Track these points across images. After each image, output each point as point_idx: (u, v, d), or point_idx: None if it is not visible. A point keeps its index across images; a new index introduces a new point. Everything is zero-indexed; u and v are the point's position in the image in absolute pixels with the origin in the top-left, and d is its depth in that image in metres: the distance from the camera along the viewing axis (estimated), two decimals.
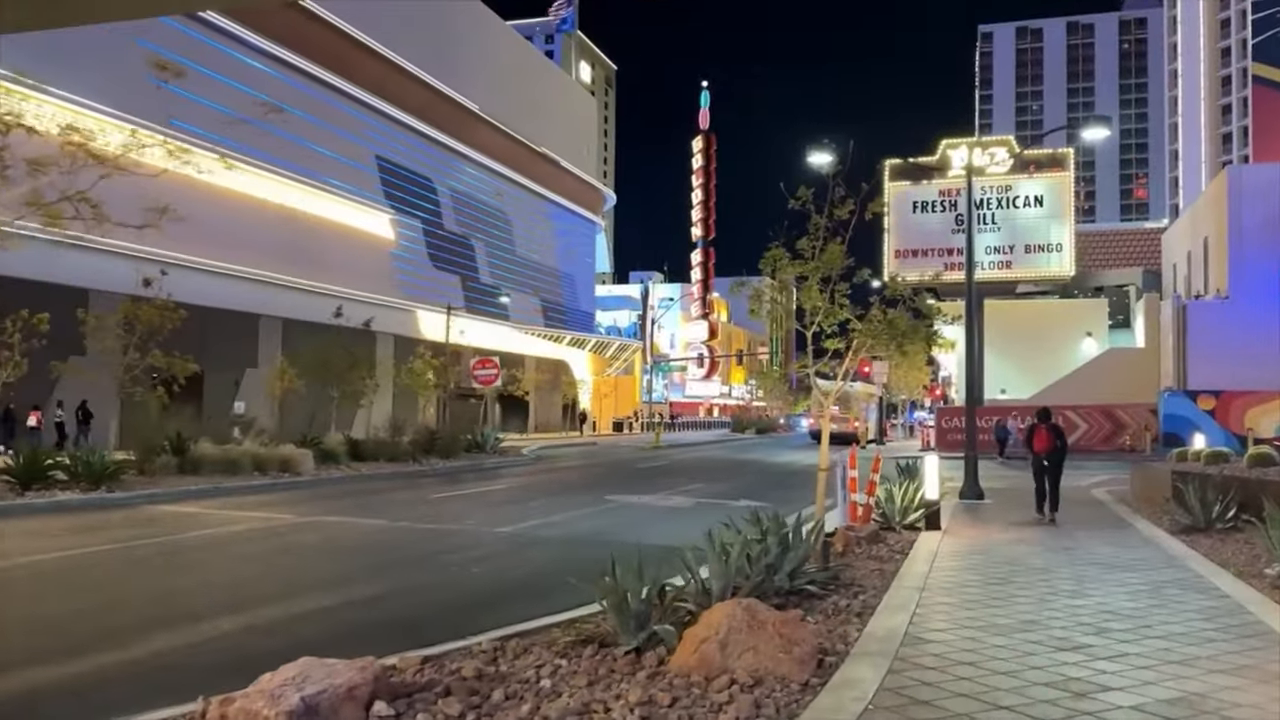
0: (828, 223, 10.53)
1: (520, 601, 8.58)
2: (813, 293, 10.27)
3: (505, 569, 10.43)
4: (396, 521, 13.86)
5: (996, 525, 14.28)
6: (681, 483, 22.67)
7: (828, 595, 8.39)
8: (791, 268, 10.21)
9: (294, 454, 20.49)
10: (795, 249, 10.38)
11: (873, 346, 10.46)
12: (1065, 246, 43.49)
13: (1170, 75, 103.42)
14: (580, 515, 15.47)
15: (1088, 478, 25.39)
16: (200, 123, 36.40)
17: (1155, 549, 11.65)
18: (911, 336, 10.11)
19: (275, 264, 39.13)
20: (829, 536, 12.00)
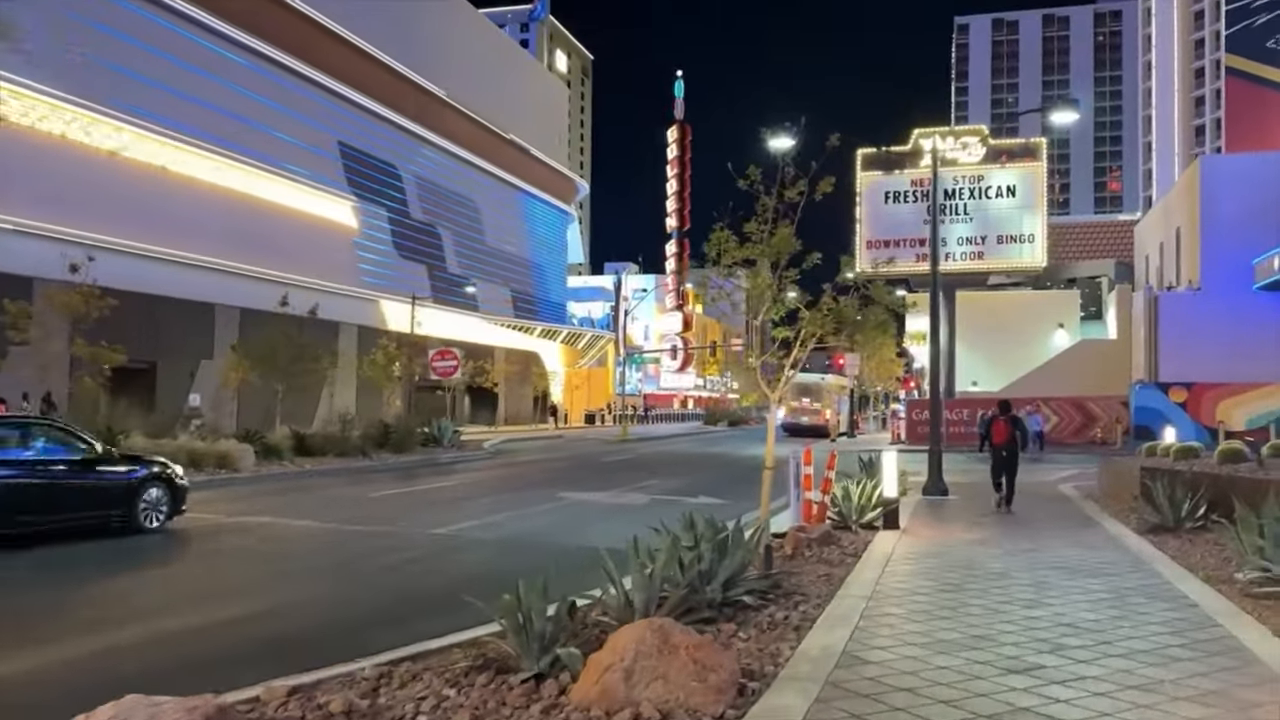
0: (778, 205, 9.83)
1: (431, 615, 7.84)
2: (761, 279, 9.57)
3: (426, 576, 9.69)
4: (326, 523, 13.09)
5: (958, 524, 13.68)
6: (641, 478, 21.99)
7: (765, 606, 7.72)
8: (739, 251, 9.50)
9: (233, 449, 19.61)
10: (744, 233, 9.70)
11: (823, 337, 9.77)
12: (1037, 237, 42.98)
13: (1144, 67, 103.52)
14: (526, 514, 14.75)
15: (1056, 472, 24.94)
16: (150, 105, 35.37)
17: (1121, 551, 11.06)
18: (861, 326, 9.43)
19: (232, 252, 38.10)
20: (779, 537, 11.38)
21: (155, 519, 12.73)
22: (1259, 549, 8.55)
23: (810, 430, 47.75)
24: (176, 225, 36.01)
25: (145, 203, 34.83)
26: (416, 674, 5.90)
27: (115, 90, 33.94)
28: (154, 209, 35.15)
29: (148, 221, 34.70)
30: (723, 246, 9.67)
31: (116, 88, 33.99)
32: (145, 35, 35.62)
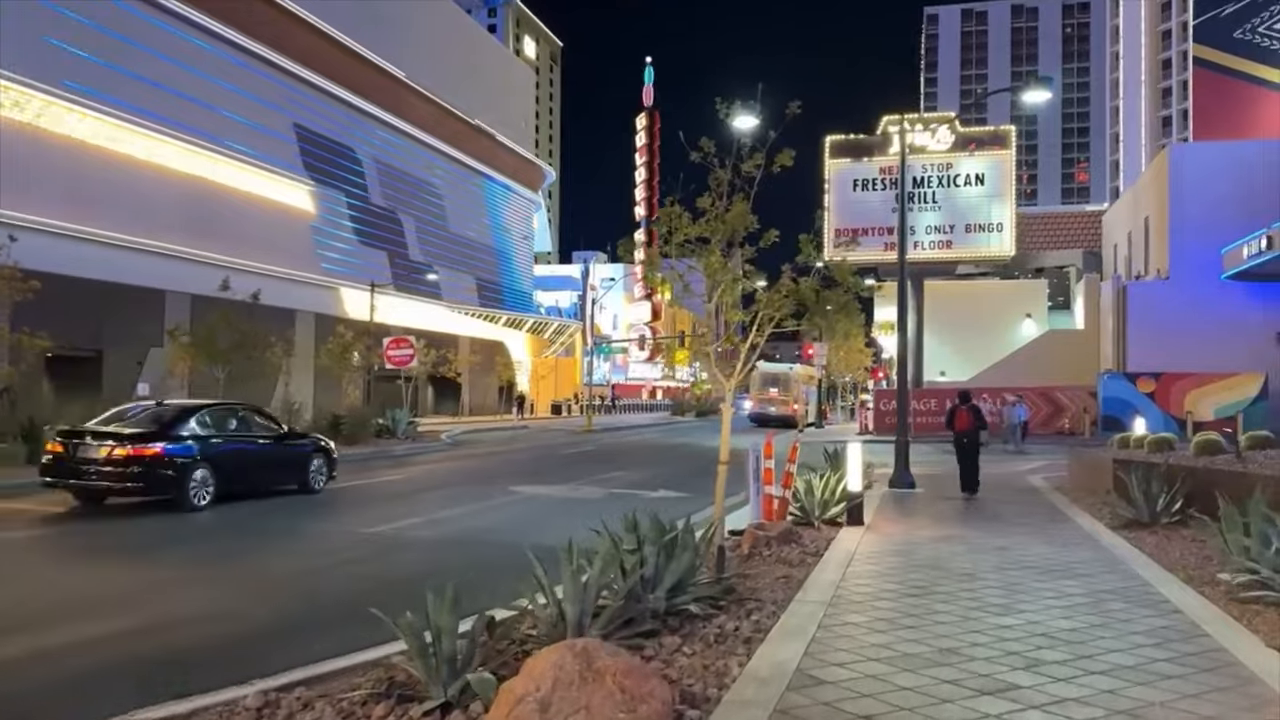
0: (734, 179, 9.12)
1: (348, 626, 7.06)
2: (715, 258, 8.85)
3: (352, 581, 8.91)
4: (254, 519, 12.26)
5: (925, 518, 13.08)
6: (601, 471, 21.29)
7: (715, 615, 7.02)
8: (692, 229, 8.77)
9: None
10: (698, 209, 8.99)
11: (782, 321, 9.08)
12: (1006, 226, 42.64)
13: (1111, 58, 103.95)
14: (473, 510, 13.99)
15: (1026, 462, 24.54)
16: (91, 82, 34.05)
17: (1096, 549, 10.48)
18: (821, 308, 8.74)
19: (184, 237, 36.87)
20: (736, 535, 10.71)
21: (319, 482, 16.50)
22: (1244, 549, 7.98)
23: (778, 420, 47.20)
24: (123, 208, 34.71)
25: (87, 184, 33.55)
26: (308, 702, 5.15)
27: (52, 66, 32.59)
28: (97, 191, 33.86)
29: (90, 204, 33.41)
30: (674, 224, 8.94)
31: (54, 63, 32.63)
32: (82, 8, 34.28)
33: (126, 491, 13.88)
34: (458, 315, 57.78)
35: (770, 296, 8.78)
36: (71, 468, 13.88)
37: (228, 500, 14.42)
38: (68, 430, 14.68)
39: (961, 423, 16.13)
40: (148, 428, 14.37)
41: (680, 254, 9.12)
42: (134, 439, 13.96)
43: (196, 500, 13.95)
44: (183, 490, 13.85)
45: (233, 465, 14.89)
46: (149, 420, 14.72)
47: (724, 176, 9.10)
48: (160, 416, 14.84)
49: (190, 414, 15.02)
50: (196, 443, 14.41)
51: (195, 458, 14.16)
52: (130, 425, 14.54)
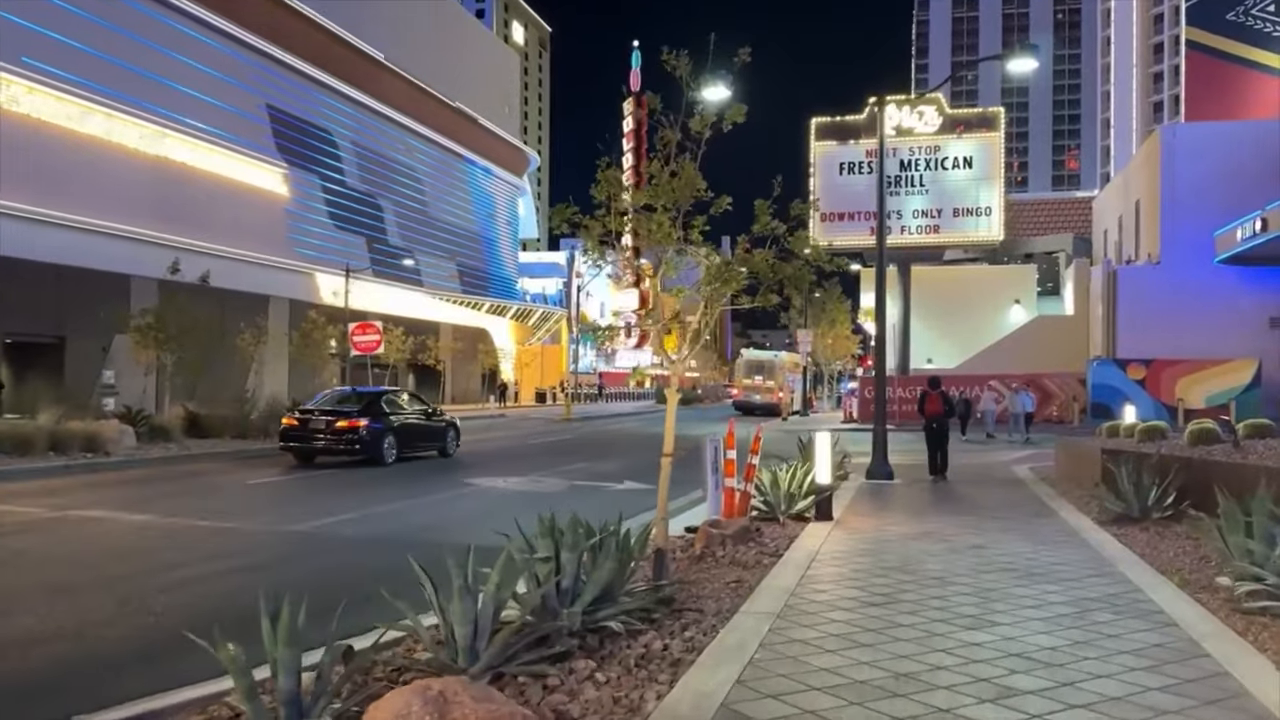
0: (684, 140, 8.17)
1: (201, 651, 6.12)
2: (661, 227, 7.90)
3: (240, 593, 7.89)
4: (169, 517, 11.28)
5: (899, 513, 12.19)
6: (569, 461, 20.38)
7: (643, 631, 6.10)
8: (637, 195, 7.81)
9: (104, 430, 17.61)
10: (641, 174, 8.09)
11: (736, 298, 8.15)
12: (994, 210, 41.74)
13: (1103, 43, 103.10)
14: (420, 504, 13.05)
15: (1011, 451, 23.69)
16: (61, 63, 32.90)
17: (1082, 547, 9.60)
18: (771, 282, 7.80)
19: (150, 220, 35.72)
20: (693, 532, 9.83)
21: (452, 449, 21.79)
22: (1247, 551, 7.09)
23: (762, 409, 46.36)
24: (87, 190, 33.56)
25: (48, 165, 32.39)
26: None
27: (10, 42, 31.41)
28: (58, 172, 32.69)
29: (51, 185, 32.26)
30: (612, 190, 7.98)
31: (12, 40, 31.44)
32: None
33: (341, 452, 19.01)
34: (439, 302, 56.73)
35: (717, 267, 7.85)
36: (303, 435, 19.27)
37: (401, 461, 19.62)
38: (300, 410, 20.49)
39: (931, 408, 16.55)
40: (354, 407, 19.68)
41: (620, 226, 8.17)
42: (348, 415, 19.31)
43: (387, 458, 19.23)
44: (380, 451, 19.08)
45: (405, 434, 20.21)
46: (352, 402, 20.10)
47: (672, 137, 8.15)
48: (360, 399, 20.34)
49: (379, 397, 20.59)
50: (385, 419, 19.69)
51: (385, 429, 19.46)
52: (338, 406, 19.90)
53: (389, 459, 19.20)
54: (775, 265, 7.74)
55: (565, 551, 6.05)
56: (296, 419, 19.61)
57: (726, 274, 7.79)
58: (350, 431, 18.95)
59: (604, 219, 8.16)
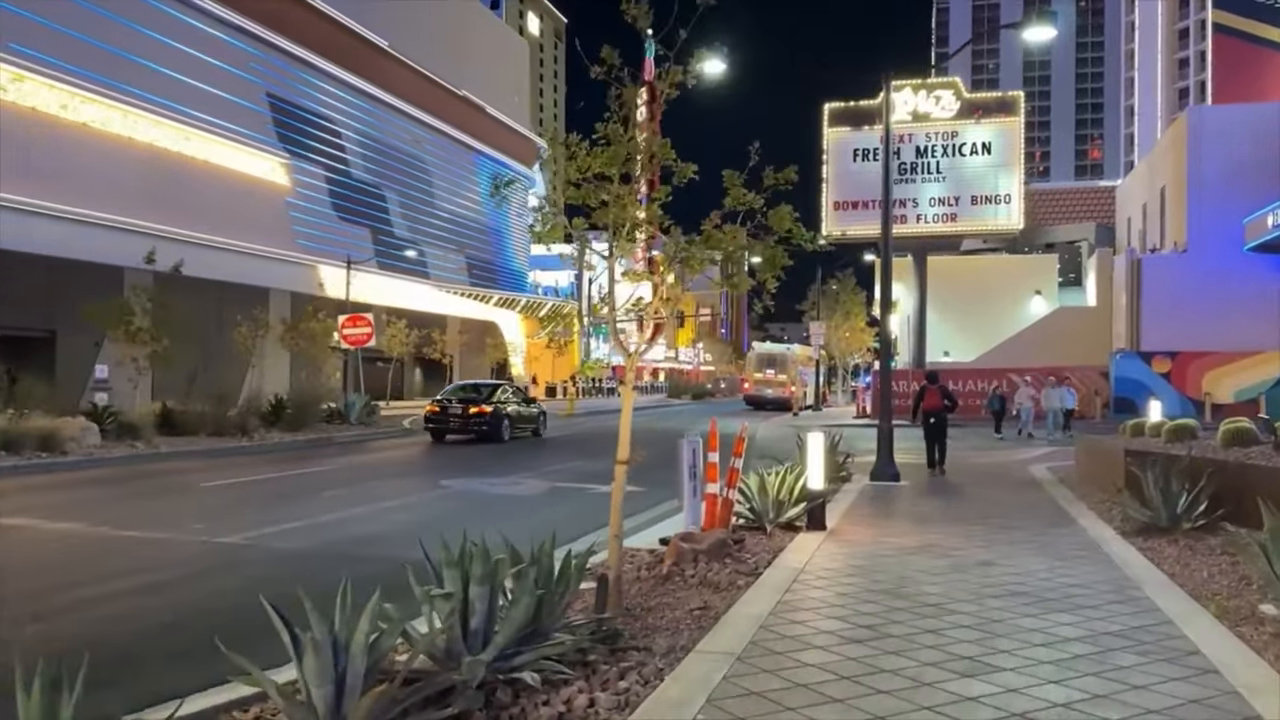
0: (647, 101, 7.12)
1: None
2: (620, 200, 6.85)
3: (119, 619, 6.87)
4: (98, 525, 10.34)
5: (901, 521, 11.12)
6: (559, 460, 19.40)
7: (570, 681, 5.06)
8: (596, 159, 6.76)
9: (63, 428, 16.71)
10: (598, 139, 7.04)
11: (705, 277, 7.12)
12: (1014, 198, 40.36)
13: (1127, 28, 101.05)
14: (374, 511, 12.04)
15: (1029, 450, 22.49)
16: (52, 50, 32.10)
17: (1103, 564, 8.50)
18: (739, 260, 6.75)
19: (145, 211, 34.85)
20: (665, 544, 8.80)
21: (542, 431, 27.19)
22: None
23: (773, 403, 45.23)
24: (79, 180, 32.73)
25: (37, 155, 31.60)
26: None
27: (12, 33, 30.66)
28: (48, 162, 31.90)
29: (41, 176, 31.48)
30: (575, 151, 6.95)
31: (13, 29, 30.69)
32: None
33: (471, 432, 24.54)
34: (447, 295, 55.81)
35: (676, 248, 6.80)
36: (441, 419, 25.14)
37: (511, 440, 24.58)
38: (439, 399, 26.31)
39: (930, 402, 16.58)
40: (479, 397, 25.62)
41: (579, 198, 7.14)
42: (476, 403, 25.05)
43: (505, 437, 24.52)
44: (500, 431, 24.39)
45: (514, 418, 25.59)
46: (476, 394, 26.24)
47: (632, 95, 7.11)
48: (480, 391, 26.66)
49: (495, 389, 26.79)
50: (503, 405, 25.20)
51: (502, 415, 24.77)
52: (467, 396, 25.89)
53: (506, 437, 24.66)
54: (746, 243, 6.68)
55: (475, 585, 5.02)
56: (437, 407, 25.76)
57: (685, 254, 6.73)
58: (479, 416, 24.79)
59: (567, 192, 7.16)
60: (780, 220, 6.95)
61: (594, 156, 6.98)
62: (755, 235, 6.83)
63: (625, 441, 6.93)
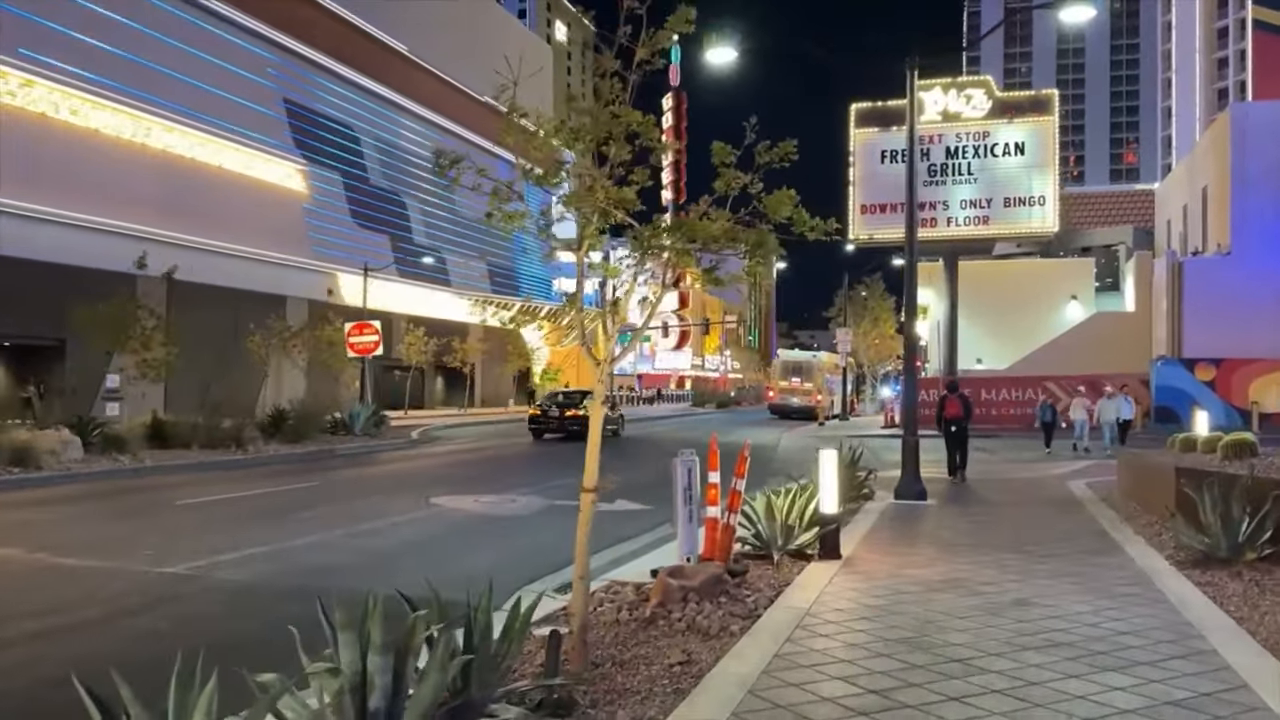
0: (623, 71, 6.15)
1: None
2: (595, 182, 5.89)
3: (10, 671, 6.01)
4: (36, 551, 9.42)
5: (925, 548, 10.00)
6: (564, 474, 18.34)
7: None
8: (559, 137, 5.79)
9: (40, 441, 15.89)
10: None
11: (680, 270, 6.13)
12: (1049, 199, 38.89)
13: (1164, 28, 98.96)
14: (358, 532, 11.09)
15: (1066, 463, 21.19)
16: (61, 55, 31.64)
17: (1156, 604, 7.37)
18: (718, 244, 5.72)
19: (158, 217, 34.29)
20: (655, 575, 7.76)
21: (621, 431, 32.77)
22: None
23: (799, 412, 44.02)
24: (90, 187, 32.21)
25: (47, 161, 31.12)
26: None
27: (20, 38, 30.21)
28: (58, 168, 31.40)
29: (51, 182, 30.99)
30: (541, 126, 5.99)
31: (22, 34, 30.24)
32: None
33: (565, 431, 29.59)
34: (468, 302, 55.09)
35: (646, 236, 5.79)
36: (543, 421, 30.68)
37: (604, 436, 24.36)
38: (540, 404, 32.73)
39: (951, 410, 16.86)
40: (572, 402, 31.37)
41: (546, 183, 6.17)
42: (571, 407, 30.52)
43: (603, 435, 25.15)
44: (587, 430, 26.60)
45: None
46: (568, 398, 32.42)
47: (609, 64, 6.12)
48: (571, 397, 32.47)
49: (584, 395, 30.71)
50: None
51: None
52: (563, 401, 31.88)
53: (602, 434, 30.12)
54: (730, 231, 5.66)
55: (375, 654, 4.02)
56: (538, 410, 31.88)
57: (651, 244, 5.73)
58: (572, 419, 29.68)
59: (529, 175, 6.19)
60: (777, 205, 5.92)
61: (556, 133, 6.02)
62: (748, 223, 5.82)
63: (593, 466, 5.93)
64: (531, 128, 6.05)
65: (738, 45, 14.08)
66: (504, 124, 6.24)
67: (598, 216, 5.92)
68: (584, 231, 6.02)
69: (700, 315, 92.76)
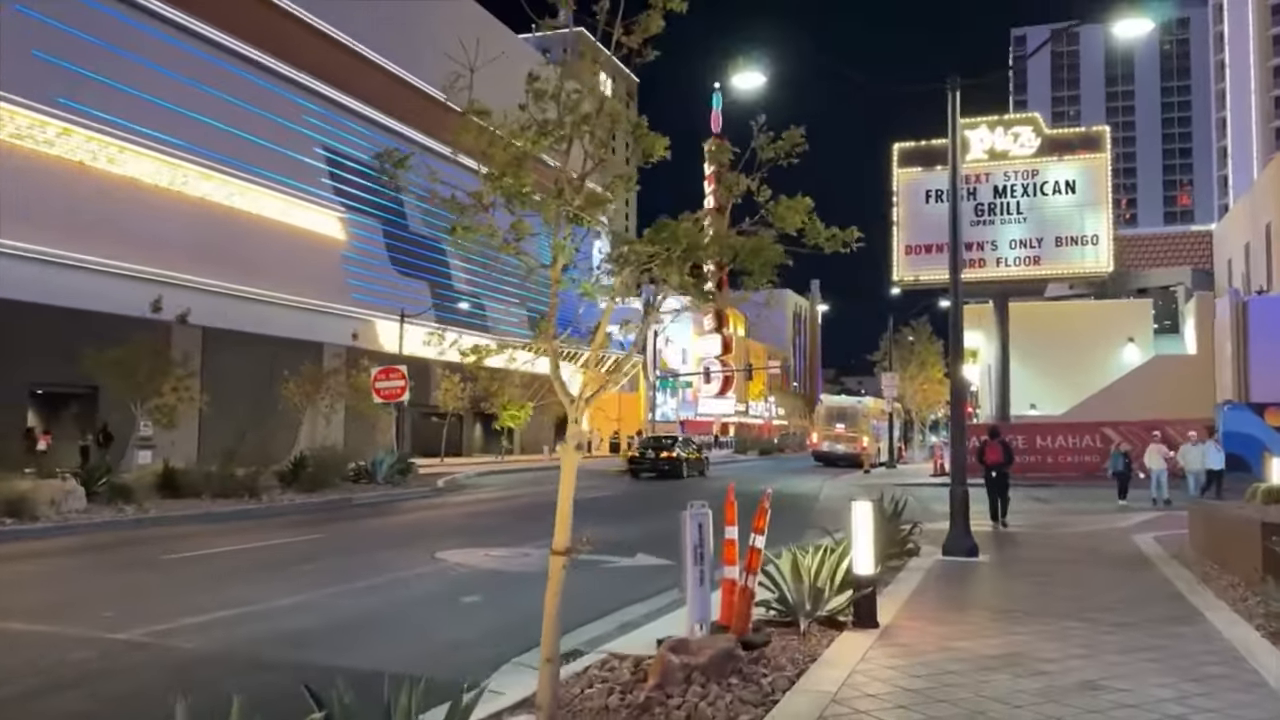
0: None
1: None
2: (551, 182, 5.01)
3: None
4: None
5: (978, 613, 8.81)
6: (589, 523, 17.24)
7: None
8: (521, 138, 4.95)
9: (36, 491, 15.19)
10: None
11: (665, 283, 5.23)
12: (1102, 238, 37.48)
13: (1216, 67, 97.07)
14: (340, 593, 10.05)
15: (1131, 515, 19.66)
16: (96, 103, 31.81)
17: (1253, 688, 6.16)
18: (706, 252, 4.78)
19: (195, 265, 34.18)
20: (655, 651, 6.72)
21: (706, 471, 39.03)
22: None
23: (844, 459, 42.57)
24: (127, 234, 32.12)
25: (82, 208, 31.14)
26: None
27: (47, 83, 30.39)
28: (95, 215, 31.37)
29: (85, 228, 30.97)
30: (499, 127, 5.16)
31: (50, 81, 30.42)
32: (100, 30, 32.12)
33: (660, 470, 35.72)
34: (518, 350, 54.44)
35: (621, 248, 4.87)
36: (640, 462, 36.54)
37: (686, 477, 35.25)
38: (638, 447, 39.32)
39: (991, 456, 16.94)
40: (665, 445, 37.83)
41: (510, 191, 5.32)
42: (666, 449, 37.09)
43: (689, 475, 35.80)
44: (680, 470, 35.83)
45: (688, 461, 37.91)
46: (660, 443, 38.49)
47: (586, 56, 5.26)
48: (662, 441, 39.02)
49: (675, 441, 38.92)
50: (680, 452, 37.22)
51: (681, 458, 36.66)
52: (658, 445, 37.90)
53: (686, 476, 35.78)
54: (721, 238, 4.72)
55: None
56: (637, 453, 38.07)
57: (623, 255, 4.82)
58: (666, 459, 36.22)
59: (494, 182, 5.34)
60: (787, 214, 4.97)
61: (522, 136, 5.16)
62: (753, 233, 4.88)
63: (564, 524, 4.96)
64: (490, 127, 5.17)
65: (766, 70, 13.24)
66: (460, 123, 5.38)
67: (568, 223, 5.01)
68: (557, 253, 5.12)
69: (743, 361, 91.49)
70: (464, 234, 5.46)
